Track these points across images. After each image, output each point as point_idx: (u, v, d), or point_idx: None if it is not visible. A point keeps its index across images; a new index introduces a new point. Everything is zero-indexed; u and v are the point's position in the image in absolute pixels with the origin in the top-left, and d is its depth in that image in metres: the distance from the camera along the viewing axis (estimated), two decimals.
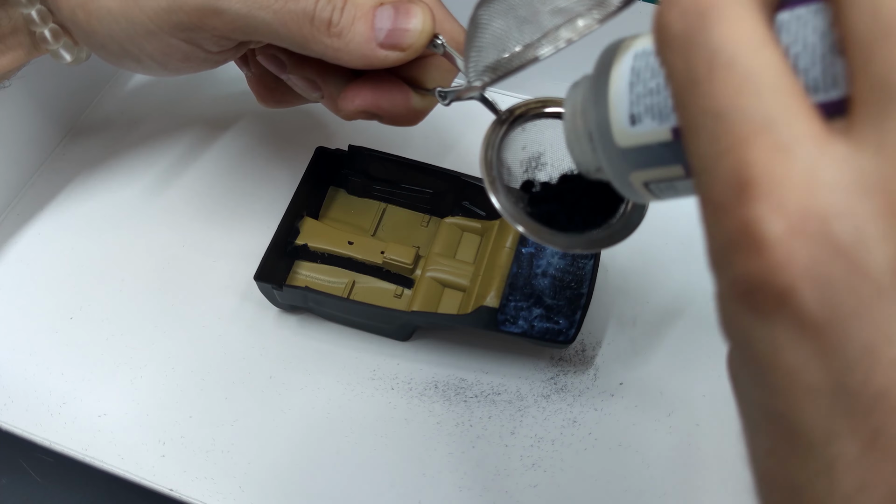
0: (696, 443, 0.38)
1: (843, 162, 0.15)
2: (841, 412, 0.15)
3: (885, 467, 0.15)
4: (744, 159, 0.16)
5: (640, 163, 0.21)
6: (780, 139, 0.15)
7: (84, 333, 0.41)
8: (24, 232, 0.45)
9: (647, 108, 0.20)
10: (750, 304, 0.16)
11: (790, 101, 0.16)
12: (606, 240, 0.27)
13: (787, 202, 0.15)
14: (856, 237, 0.15)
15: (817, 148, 0.15)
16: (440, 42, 0.31)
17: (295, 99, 0.37)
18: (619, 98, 0.21)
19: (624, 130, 0.21)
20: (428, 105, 0.33)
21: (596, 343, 0.41)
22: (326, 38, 0.30)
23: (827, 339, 0.15)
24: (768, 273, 0.15)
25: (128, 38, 0.31)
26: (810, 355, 0.15)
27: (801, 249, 0.15)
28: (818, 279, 0.15)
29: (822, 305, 0.15)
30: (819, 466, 0.16)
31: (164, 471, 0.37)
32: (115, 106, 0.50)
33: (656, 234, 0.43)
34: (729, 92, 0.16)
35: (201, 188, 0.46)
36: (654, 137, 0.20)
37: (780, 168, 0.15)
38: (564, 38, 0.23)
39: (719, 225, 0.16)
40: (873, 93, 0.15)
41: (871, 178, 0.15)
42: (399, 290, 0.41)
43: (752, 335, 0.16)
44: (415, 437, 0.38)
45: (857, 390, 0.15)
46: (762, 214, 0.15)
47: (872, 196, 0.15)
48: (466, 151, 0.47)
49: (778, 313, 0.15)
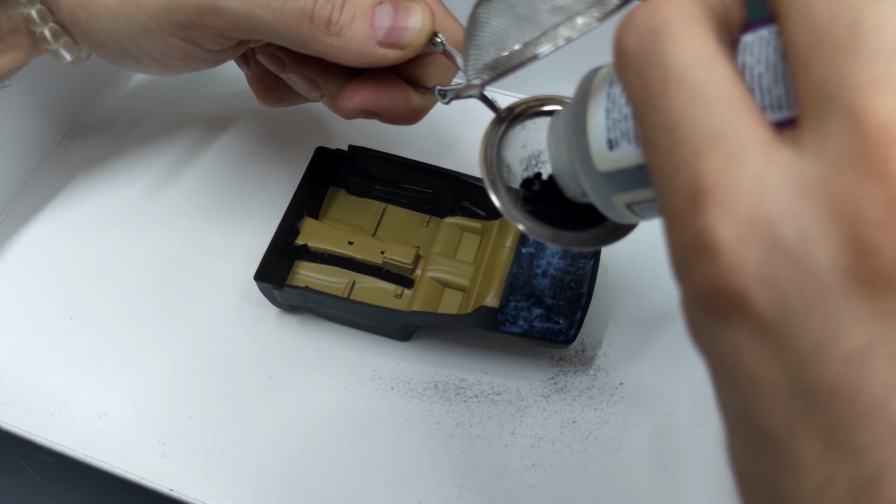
0: (695, 443, 0.38)
1: (789, 167, 0.15)
2: (799, 410, 0.15)
3: (845, 460, 0.15)
4: (696, 169, 0.16)
5: (620, 186, 0.22)
6: (729, 148, 0.16)
7: (84, 333, 0.41)
8: (24, 232, 0.45)
9: (623, 133, 0.21)
10: (708, 310, 0.17)
11: (739, 112, 0.16)
12: (607, 237, 0.27)
13: (735, 208, 0.15)
14: (800, 238, 0.15)
15: (765, 155, 0.16)
16: (439, 40, 0.31)
17: (295, 98, 0.37)
18: (597, 124, 0.21)
19: (603, 155, 0.21)
20: (428, 104, 0.33)
21: (596, 343, 0.41)
22: (326, 36, 0.30)
23: (780, 339, 0.15)
24: (722, 278, 0.16)
25: (127, 36, 0.31)
26: (766, 356, 0.16)
27: (751, 253, 0.15)
28: (768, 281, 0.15)
29: (773, 306, 0.15)
30: (785, 464, 0.16)
31: (164, 471, 0.37)
32: (115, 106, 0.50)
33: (656, 234, 0.43)
34: (681, 106, 0.16)
35: (201, 188, 0.46)
36: (631, 161, 0.21)
37: (729, 176, 0.16)
38: (563, 36, 0.23)
39: (678, 234, 0.17)
40: (813, 100, 0.15)
41: (812, 181, 0.15)
42: (399, 290, 0.41)
43: (713, 340, 0.17)
44: (415, 437, 0.38)
45: (812, 388, 0.15)
46: (714, 222, 0.16)
47: (814, 198, 0.15)
48: (466, 151, 0.47)
49: (734, 317, 0.16)
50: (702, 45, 0.17)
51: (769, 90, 0.17)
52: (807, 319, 0.15)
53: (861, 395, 0.15)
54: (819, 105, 0.15)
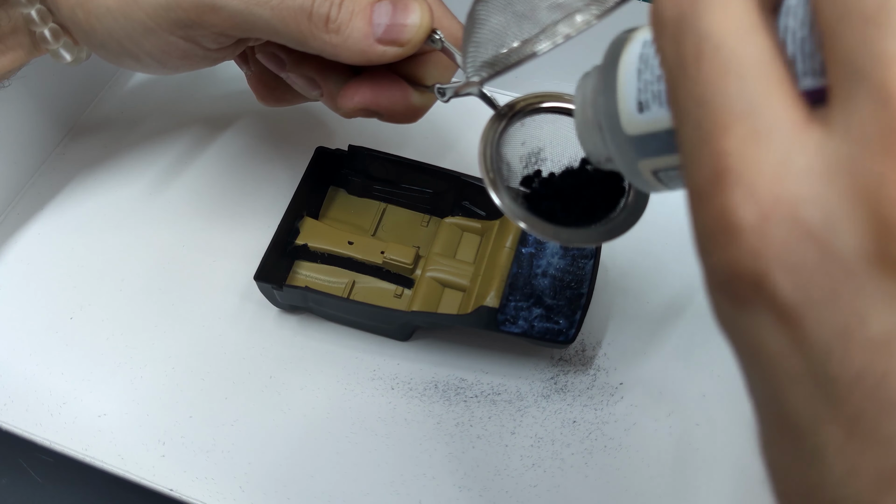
0: (695, 443, 0.38)
1: (817, 148, 0.15)
2: (823, 398, 0.15)
3: (870, 451, 0.15)
4: (721, 147, 0.16)
5: (647, 151, 0.21)
6: (757, 126, 0.15)
7: (84, 333, 0.41)
8: (24, 232, 0.45)
9: (655, 95, 0.20)
10: (729, 293, 0.16)
11: (773, 88, 0.16)
12: (607, 234, 0.27)
13: (758, 189, 0.15)
14: (824, 221, 0.15)
15: (793, 135, 0.15)
16: (438, 37, 0.31)
17: (295, 97, 0.37)
18: (628, 85, 0.21)
19: (632, 118, 0.21)
20: (427, 102, 0.33)
21: (596, 343, 0.41)
22: (324, 34, 0.30)
23: (803, 325, 0.15)
24: (743, 261, 0.15)
25: (126, 35, 0.31)
26: (789, 342, 0.15)
27: (773, 236, 0.15)
28: (791, 264, 0.15)
29: (795, 291, 0.15)
30: (810, 454, 0.16)
31: (164, 471, 0.37)
32: (115, 106, 0.50)
33: (656, 234, 0.43)
34: (713, 77, 0.16)
35: (201, 188, 0.46)
36: (661, 125, 0.20)
37: (753, 156, 0.15)
38: (562, 33, 0.23)
39: (700, 214, 0.16)
40: (840, 74, 0.15)
41: (838, 161, 0.15)
42: (399, 290, 0.41)
43: (735, 324, 0.17)
44: (415, 437, 0.38)
45: (836, 375, 0.15)
46: (736, 202, 0.15)
47: (840, 180, 0.15)
48: (466, 151, 0.47)
49: (755, 301, 0.16)
50: (741, 14, 0.16)
51: (813, 55, 0.16)
52: (830, 304, 0.15)
53: (887, 384, 0.14)
54: (847, 80, 0.15)
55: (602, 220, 0.27)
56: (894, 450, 0.14)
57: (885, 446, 0.14)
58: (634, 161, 0.21)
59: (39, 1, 0.32)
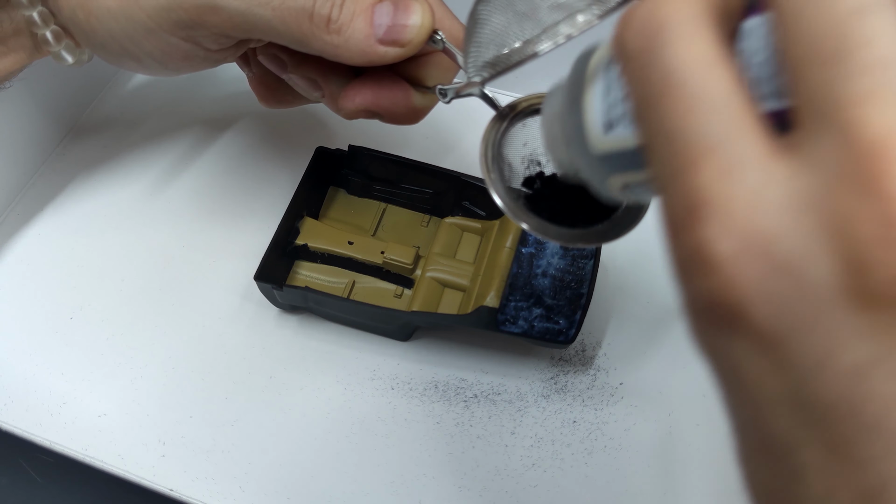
0: (696, 443, 0.38)
1: (786, 181, 0.15)
2: (802, 422, 0.16)
3: (848, 472, 0.15)
4: (693, 182, 0.16)
5: (616, 167, 0.21)
6: (726, 161, 0.16)
7: (84, 333, 0.41)
8: (24, 232, 0.45)
9: (622, 115, 0.20)
10: (708, 320, 0.17)
11: (740, 121, 0.16)
12: (609, 233, 0.27)
13: (733, 224, 0.15)
14: (798, 255, 0.15)
15: (763, 168, 0.15)
16: (440, 38, 0.31)
17: (296, 99, 0.37)
18: (594, 105, 0.21)
19: (599, 137, 0.21)
20: (429, 103, 0.33)
21: (596, 343, 0.41)
22: (326, 34, 0.30)
23: (781, 353, 0.15)
24: (720, 291, 0.16)
25: (127, 36, 0.31)
26: (768, 368, 0.16)
27: (749, 269, 0.15)
28: (767, 296, 0.15)
29: (772, 321, 0.15)
30: (789, 473, 0.16)
31: (164, 471, 0.37)
32: (115, 106, 0.50)
33: (657, 234, 0.43)
34: (680, 113, 0.16)
35: (201, 188, 0.46)
36: (628, 143, 0.20)
37: (726, 190, 0.15)
38: (564, 33, 0.23)
39: (677, 244, 0.17)
40: (808, 112, 0.15)
41: (809, 196, 0.15)
42: (399, 290, 0.41)
43: (714, 348, 0.17)
44: (415, 437, 0.38)
45: (813, 401, 0.15)
46: (711, 236, 0.16)
47: (811, 214, 0.15)
48: (467, 151, 0.47)
49: (733, 329, 0.16)
50: (703, 49, 0.16)
51: (770, 78, 0.17)
52: (807, 335, 0.15)
53: (863, 411, 0.15)
54: (814, 118, 0.15)
55: (603, 221, 0.27)
56: (872, 472, 0.15)
57: (864, 468, 0.15)
58: (604, 177, 0.22)
59: (41, 3, 0.32)
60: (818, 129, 0.15)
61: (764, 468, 0.17)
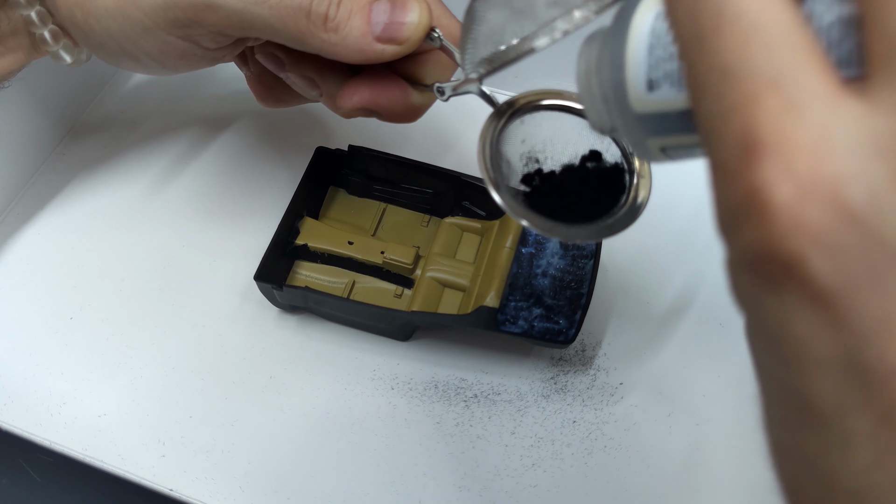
0: (696, 443, 0.38)
1: (858, 122, 0.14)
2: (854, 386, 0.15)
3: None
4: (751, 119, 0.15)
5: (657, 130, 0.20)
6: (789, 96, 0.14)
7: (84, 333, 0.41)
8: (24, 232, 0.45)
9: (667, 75, 0.19)
10: (759, 274, 0.15)
11: (801, 56, 0.15)
12: (608, 230, 0.27)
13: (796, 165, 0.14)
14: (870, 203, 0.14)
15: (830, 106, 0.14)
16: (437, 35, 0.31)
17: (294, 98, 0.37)
18: (637, 61, 0.19)
19: (641, 96, 0.20)
20: (427, 101, 0.33)
21: (596, 343, 0.41)
22: (323, 32, 0.30)
23: (839, 311, 0.14)
24: (777, 241, 0.15)
25: (125, 35, 0.31)
26: (822, 327, 0.15)
27: (812, 216, 0.14)
28: (830, 247, 0.14)
29: (833, 275, 0.14)
30: (832, 440, 0.15)
31: (164, 471, 0.37)
32: (115, 106, 0.50)
33: (656, 234, 0.43)
34: (735, 47, 0.15)
35: (201, 188, 0.46)
36: (672, 105, 0.19)
37: (789, 128, 0.14)
38: (561, 29, 0.23)
39: (727, 190, 0.15)
40: (884, 49, 0.14)
41: (882, 138, 0.14)
42: (399, 290, 0.41)
43: (761, 305, 0.16)
44: (415, 437, 0.38)
45: (871, 364, 0.14)
46: (770, 178, 0.14)
47: (884, 158, 0.14)
48: (466, 151, 0.47)
49: (787, 283, 0.15)
50: None
51: (839, 43, 0.16)
52: (872, 292, 0.14)
53: None
54: (892, 54, 0.14)
55: (603, 217, 0.27)
56: None
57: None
58: (642, 138, 0.20)
59: (39, 2, 0.32)
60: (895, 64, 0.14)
61: (799, 436, 0.16)
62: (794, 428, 0.16)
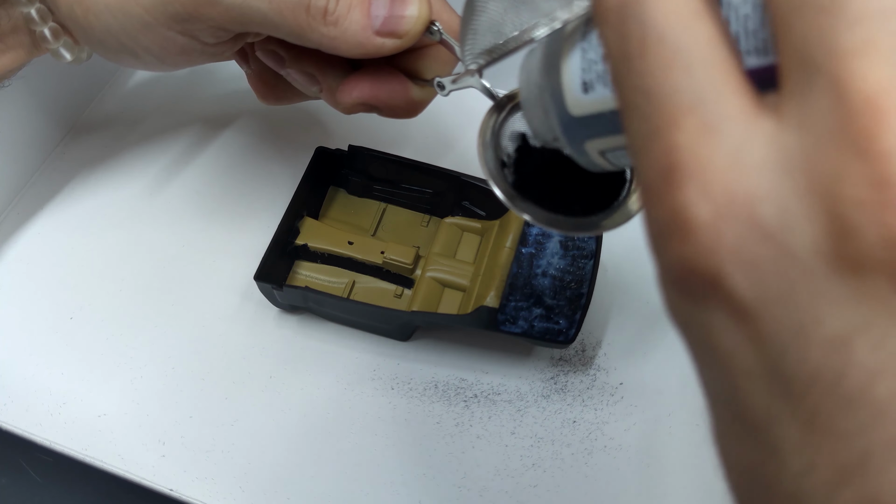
0: (696, 442, 0.38)
1: (769, 141, 0.15)
2: (778, 395, 0.15)
3: (827, 448, 0.15)
4: (671, 141, 0.15)
5: (594, 131, 0.21)
6: (706, 119, 0.15)
7: (84, 333, 0.41)
8: (24, 232, 0.45)
9: (599, 76, 0.20)
10: (683, 290, 0.16)
11: (720, 78, 0.15)
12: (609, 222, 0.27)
13: (712, 186, 0.15)
14: (780, 219, 0.14)
15: (744, 126, 0.15)
16: (437, 28, 0.31)
17: (295, 95, 0.37)
18: (572, 65, 0.20)
19: (577, 98, 0.20)
20: (427, 96, 0.33)
21: (596, 343, 0.41)
22: (322, 26, 0.29)
23: (758, 323, 0.15)
24: (697, 259, 0.15)
25: (124, 31, 0.31)
26: (744, 340, 0.15)
27: (728, 234, 0.15)
28: (746, 263, 0.15)
29: (751, 289, 0.15)
30: (767, 448, 0.16)
31: (164, 471, 0.37)
32: (116, 105, 0.50)
33: None
34: (658, 70, 0.15)
35: (201, 187, 0.46)
36: (606, 105, 0.20)
37: (706, 150, 0.15)
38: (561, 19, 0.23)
39: (653, 210, 0.16)
40: (794, 65, 0.14)
41: (793, 156, 0.14)
42: (399, 290, 0.41)
43: (689, 319, 0.16)
44: (415, 437, 0.38)
45: (792, 373, 0.15)
46: (689, 199, 0.15)
47: (795, 175, 0.14)
48: (466, 151, 0.47)
49: (709, 299, 0.15)
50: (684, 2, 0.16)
51: (755, 33, 0.16)
52: (786, 303, 0.14)
53: (843, 382, 0.14)
54: (801, 71, 0.14)
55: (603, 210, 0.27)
56: (850, 445, 0.14)
57: (844, 442, 0.14)
58: (581, 141, 0.21)
59: (39, 0, 0.32)
60: (805, 84, 0.14)
61: (739, 445, 0.17)
62: (736, 437, 0.17)
